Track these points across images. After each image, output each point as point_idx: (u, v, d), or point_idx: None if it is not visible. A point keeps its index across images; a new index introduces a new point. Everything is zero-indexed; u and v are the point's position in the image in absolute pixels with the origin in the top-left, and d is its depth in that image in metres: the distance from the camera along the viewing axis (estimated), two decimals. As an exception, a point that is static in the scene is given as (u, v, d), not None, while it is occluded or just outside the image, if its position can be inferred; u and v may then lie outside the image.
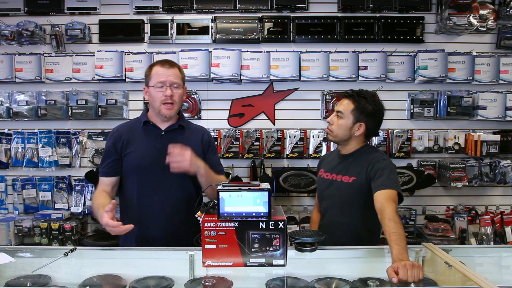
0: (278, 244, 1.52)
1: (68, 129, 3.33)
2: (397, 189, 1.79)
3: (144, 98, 3.30)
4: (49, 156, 3.26)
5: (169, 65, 1.97)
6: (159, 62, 1.99)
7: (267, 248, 1.52)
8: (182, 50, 3.24)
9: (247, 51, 3.25)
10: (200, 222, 1.55)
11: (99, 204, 1.83)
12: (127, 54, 3.28)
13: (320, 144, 3.23)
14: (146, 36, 3.32)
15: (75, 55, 3.31)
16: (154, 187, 1.95)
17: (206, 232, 1.52)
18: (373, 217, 1.96)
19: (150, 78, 1.96)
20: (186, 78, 3.27)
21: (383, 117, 2.06)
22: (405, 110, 3.34)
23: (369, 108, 1.98)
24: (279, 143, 3.25)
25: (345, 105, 2.01)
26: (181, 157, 1.79)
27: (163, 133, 1.99)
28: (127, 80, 3.27)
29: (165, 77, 1.92)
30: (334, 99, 3.27)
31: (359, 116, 1.98)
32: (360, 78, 3.25)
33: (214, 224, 1.52)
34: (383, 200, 1.72)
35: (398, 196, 1.80)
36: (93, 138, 3.30)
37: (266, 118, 3.37)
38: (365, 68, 3.24)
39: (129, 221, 1.80)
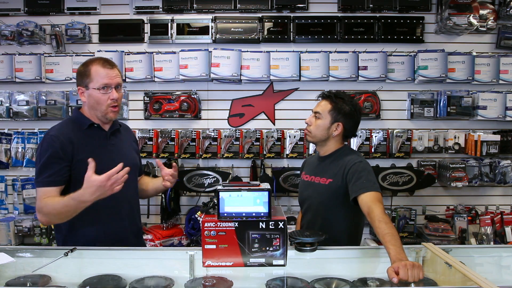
0: (278, 244, 1.52)
1: (68, 129, 3.33)
2: (378, 190, 1.80)
3: (144, 97, 3.31)
4: (49, 156, 3.25)
5: (110, 65, 1.83)
6: (98, 61, 1.82)
7: (267, 248, 1.52)
8: (182, 50, 3.24)
9: (247, 51, 3.25)
10: (200, 222, 1.54)
11: (65, 198, 1.66)
12: (127, 54, 3.28)
13: (320, 144, 3.23)
14: (146, 36, 3.32)
15: (75, 55, 3.30)
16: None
17: (206, 232, 1.52)
18: (351, 221, 1.99)
19: (91, 79, 1.79)
20: (186, 78, 3.30)
21: (361, 118, 2.08)
22: (405, 110, 3.34)
23: (346, 109, 1.99)
24: (279, 143, 3.25)
25: (323, 106, 2.03)
26: (174, 178, 1.94)
27: (109, 134, 1.90)
28: (127, 80, 3.26)
29: (109, 79, 1.80)
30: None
31: (337, 116, 2.00)
32: (360, 78, 3.25)
33: (214, 224, 1.52)
34: (369, 202, 1.73)
35: None
36: (93, 138, 3.29)
37: (266, 118, 3.37)
38: (365, 68, 3.24)
39: (91, 228, 1.80)
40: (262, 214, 1.53)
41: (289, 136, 3.25)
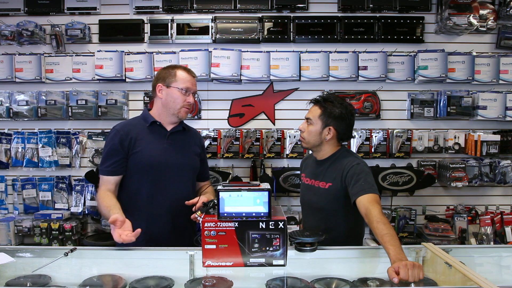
0: (278, 244, 1.52)
1: (68, 129, 3.33)
2: (376, 192, 1.81)
3: (144, 97, 3.31)
4: (49, 156, 3.26)
5: (193, 74, 2.09)
6: (184, 68, 2.08)
7: (267, 248, 1.52)
8: (182, 50, 3.24)
9: (247, 51, 3.25)
10: (200, 222, 1.55)
11: (108, 206, 1.86)
12: (127, 54, 3.28)
13: (320, 144, 3.23)
14: (146, 36, 3.32)
15: (75, 55, 3.31)
16: (163, 186, 1.99)
17: (206, 232, 1.52)
18: (353, 223, 1.99)
19: (175, 80, 2.01)
20: (186, 78, 3.28)
21: (354, 119, 2.06)
22: (405, 110, 3.34)
23: (336, 112, 1.98)
24: (279, 143, 3.25)
25: (313, 112, 2.04)
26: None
27: (169, 134, 2.06)
28: (127, 80, 3.27)
29: (191, 84, 2.04)
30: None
31: (327, 120, 1.99)
32: (360, 78, 3.25)
33: (214, 224, 1.52)
34: (367, 204, 1.73)
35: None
36: (93, 138, 3.30)
37: (266, 118, 3.37)
38: (365, 68, 3.24)
39: (135, 220, 1.81)
40: (262, 214, 1.53)
41: (289, 136, 3.25)
